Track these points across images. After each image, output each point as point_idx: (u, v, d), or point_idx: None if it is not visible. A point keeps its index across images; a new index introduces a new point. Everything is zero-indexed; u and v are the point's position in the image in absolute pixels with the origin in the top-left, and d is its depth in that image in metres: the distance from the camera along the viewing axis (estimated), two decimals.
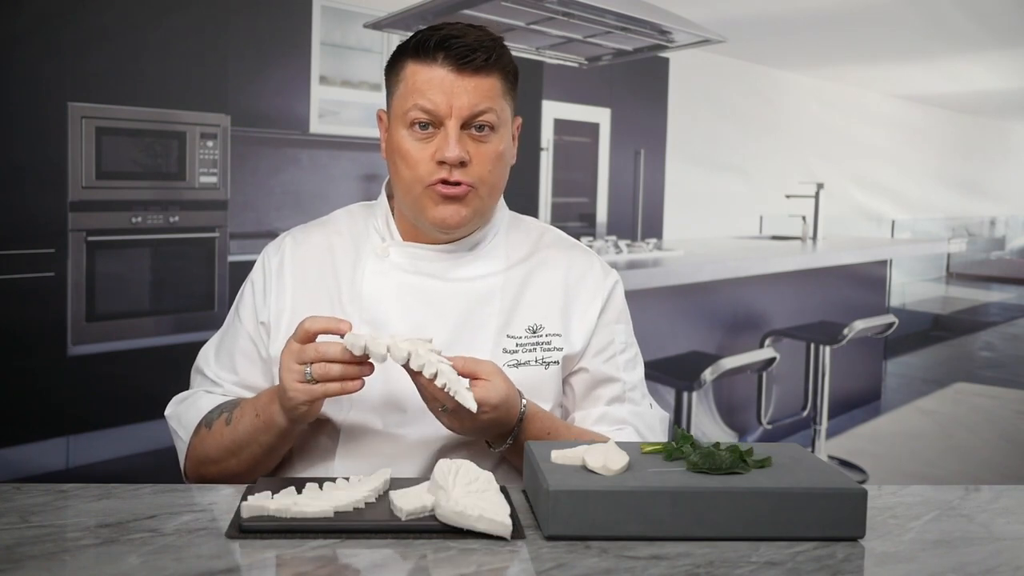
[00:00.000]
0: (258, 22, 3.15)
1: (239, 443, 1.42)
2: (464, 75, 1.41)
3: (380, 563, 1.05)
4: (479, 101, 1.41)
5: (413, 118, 1.42)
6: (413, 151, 1.43)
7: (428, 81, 1.41)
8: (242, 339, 1.53)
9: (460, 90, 1.41)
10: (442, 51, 1.41)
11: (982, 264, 6.05)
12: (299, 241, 1.56)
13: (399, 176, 1.46)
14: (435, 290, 1.49)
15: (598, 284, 1.56)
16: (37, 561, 1.03)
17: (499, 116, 1.44)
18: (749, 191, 4.75)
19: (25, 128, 2.74)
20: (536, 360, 1.50)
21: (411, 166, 1.43)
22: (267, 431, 1.39)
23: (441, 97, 1.40)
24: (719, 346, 4.29)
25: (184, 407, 1.53)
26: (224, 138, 3.07)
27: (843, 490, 1.15)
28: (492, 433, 1.38)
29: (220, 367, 1.55)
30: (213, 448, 1.45)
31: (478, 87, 1.41)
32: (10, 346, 2.72)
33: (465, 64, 1.40)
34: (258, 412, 1.40)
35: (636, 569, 1.04)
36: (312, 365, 1.29)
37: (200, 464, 1.48)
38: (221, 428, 1.44)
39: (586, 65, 4.10)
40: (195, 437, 1.48)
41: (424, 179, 1.42)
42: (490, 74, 1.43)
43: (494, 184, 1.47)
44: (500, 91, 1.44)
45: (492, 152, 1.44)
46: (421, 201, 1.44)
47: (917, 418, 4.92)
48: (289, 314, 1.50)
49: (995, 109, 5.83)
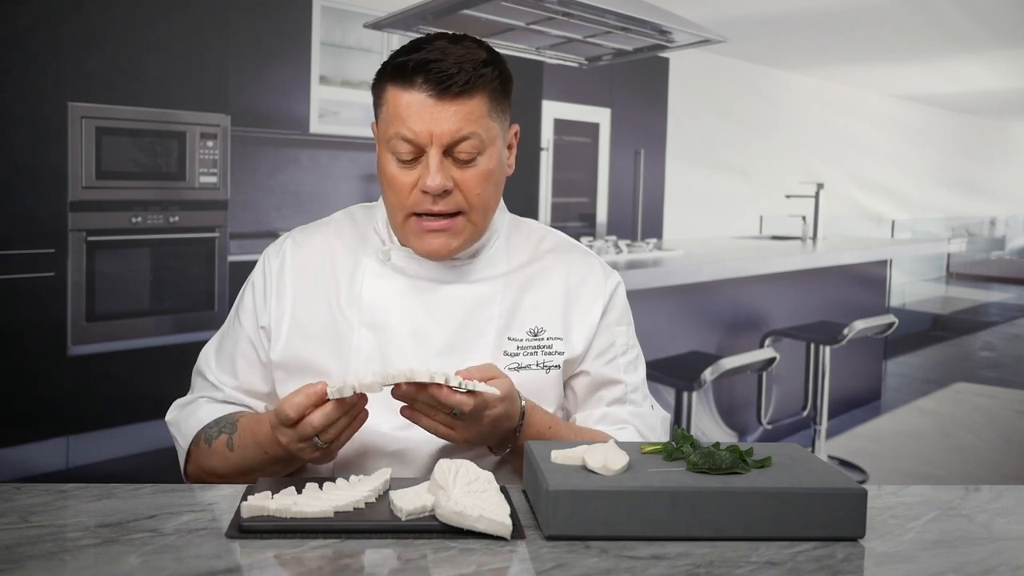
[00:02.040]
0: (258, 22, 3.15)
1: (248, 468, 1.41)
2: (444, 100, 1.35)
3: (380, 563, 1.05)
4: (461, 127, 1.36)
5: (394, 147, 1.39)
6: (397, 177, 1.40)
7: (408, 107, 1.36)
8: (242, 343, 1.53)
9: (441, 116, 1.35)
10: (420, 75, 1.35)
11: (982, 264, 6.05)
12: (299, 243, 1.55)
13: (386, 198, 1.45)
14: (435, 293, 1.48)
15: (599, 286, 1.55)
16: (37, 561, 1.03)
17: (484, 137, 1.39)
18: (749, 191, 4.74)
19: (25, 128, 2.74)
20: (537, 364, 1.49)
21: (395, 191, 1.41)
22: (279, 463, 1.39)
23: (421, 125, 1.36)
24: (719, 346, 4.29)
25: (184, 414, 1.52)
26: (224, 138, 3.07)
27: (843, 490, 1.15)
28: (496, 434, 1.37)
29: (221, 371, 1.54)
30: (219, 467, 1.44)
31: (459, 111, 1.36)
32: (10, 346, 2.72)
33: (444, 90, 1.35)
34: (266, 449, 1.37)
35: (636, 569, 1.04)
36: (319, 437, 1.28)
37: (204, 473, 1.48)
38: (223, 452, 1.43)
39: (586, 65, 4.10)
40: (194, 448, 1.47)
41: (408, 207, 1.41)
42: (472, 96, 1.37)
43: (485, 205, 1.44)
44: (485, 111, 1.39)
45: (478, 175, 1.40)
46: (406, 232, 1.44)
47: (917, 418, 4.92)
48: (289, 318, 1.49)
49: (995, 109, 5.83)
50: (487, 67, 1.39)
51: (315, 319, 1.49)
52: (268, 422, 1.34)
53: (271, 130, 3.19)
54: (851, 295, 5.01)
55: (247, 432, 1.41)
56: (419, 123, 1.36)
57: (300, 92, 3.26)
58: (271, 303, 1.51)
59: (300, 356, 1.48)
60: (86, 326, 2.86)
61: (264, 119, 3.18)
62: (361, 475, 1.26)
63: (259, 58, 3.16)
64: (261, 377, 1.52)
